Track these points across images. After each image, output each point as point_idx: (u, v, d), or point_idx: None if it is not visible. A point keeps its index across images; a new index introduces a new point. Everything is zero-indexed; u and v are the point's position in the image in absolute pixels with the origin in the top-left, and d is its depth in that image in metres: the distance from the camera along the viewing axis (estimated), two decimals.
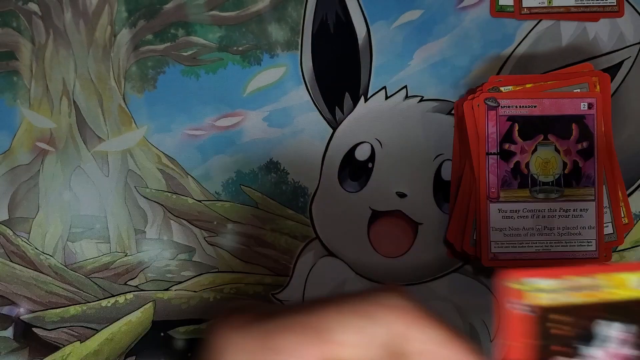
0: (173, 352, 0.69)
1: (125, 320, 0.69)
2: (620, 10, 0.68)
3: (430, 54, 0.69)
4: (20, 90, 0.69)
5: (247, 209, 0.69)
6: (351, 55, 0.69)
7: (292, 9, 0.69)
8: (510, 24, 0.69)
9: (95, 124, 0.69)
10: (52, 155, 0.69)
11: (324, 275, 0.68)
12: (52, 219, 0.69)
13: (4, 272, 0.69)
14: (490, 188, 0.63)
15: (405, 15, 0.69)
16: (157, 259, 0.69)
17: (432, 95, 0.69)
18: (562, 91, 0.63)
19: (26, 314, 0.69)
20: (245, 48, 0.69)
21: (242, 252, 0.69)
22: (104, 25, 0.69)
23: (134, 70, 0.69)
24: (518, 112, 0.63)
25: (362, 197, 0.68)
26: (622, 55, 0.68)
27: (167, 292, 0.69)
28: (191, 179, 0.69)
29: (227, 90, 0.69)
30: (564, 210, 0.63)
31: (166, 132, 0.69)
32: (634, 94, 0.68)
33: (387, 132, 0.68)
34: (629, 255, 0.69)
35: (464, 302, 0.68)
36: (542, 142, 0.63)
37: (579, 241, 0.63)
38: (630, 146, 0.68)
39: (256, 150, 0.69)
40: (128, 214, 0.69)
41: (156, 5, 0.69)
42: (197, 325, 0.69)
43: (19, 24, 0.69)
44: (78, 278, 0.69)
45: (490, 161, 0.63)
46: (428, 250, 0.68)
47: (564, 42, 0.69)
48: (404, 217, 0.68)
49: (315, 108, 0.69)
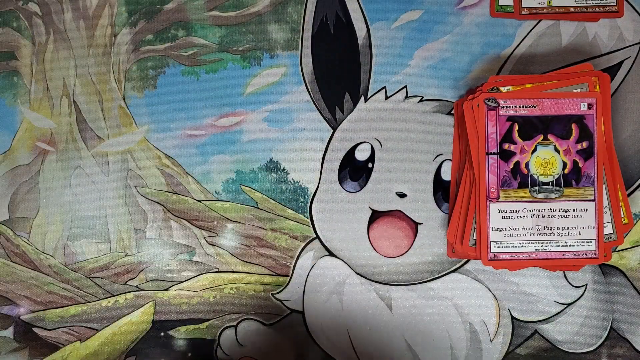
0: (173, 352, 0.69)
1: (125, 320, 0.69)
2: (620, 11, 0.68)
3: (430, 54, 0.69)
4: (21, 90, 0.69)
5: (247, 209, 0.69)
6: (351, 56, 0.69)
7: (292, 10, 0.69)
8: (510, 24, 0.69)
9: (95, 124, 0.69)
10: (52, 155, 0.69)
11: (324, 275, 0.68)
12: (52, 219, 0.69)
13: (4, 272, 0.69)
14: (490, 188, 0.63)
15: (405, 15, 0.69)
16: (157, 259, 0.69)
17: (432, 96, 0.69)
18: (562, 91, 0.63)
19: (26, 313, 0.69)
20: (245, 48, 0.69)
21: (242, 252, 0.69)
22: (104, 25, 0.69)
23: (134, 70, 0.69)
24: (518, 112, 0.63)
25: (362, 197, 0.68)
26: (622, 55, 0.68)
27: (167, 292, 0.69)
28: (191, 179, 0.69)
29: (227, 90, 0.69)
30: (564, 210, 0.63)
31: (166, 132, 0.69)
32: (634, 94, 0.68)
33: (387, 132, 0.68)
34: (629, 255, 0.69)
35: (464, 302, 0.68)
36: (542, 142, 0.63)
37: (579, 241, 0.63)
38: (630, 146, 0.68)
39: (256, 150, 0.69)
40: (128, 214, 0.69)
41: (156, 5, 0.69)
42: (197, 325, 0.69)
43: (19, 24, 0.69)
44: (78, 278, 0.69)
45: (490, 161, 0.63)
46: (428, 250, 0.68)
47: (564, 42, 0.69)
48: (404, 217, 0.68)
49: (315, 108, 0.69)
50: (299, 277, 0.69)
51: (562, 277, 0.68)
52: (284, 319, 0.69)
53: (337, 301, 0.68)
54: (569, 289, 0.68)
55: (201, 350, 0.69)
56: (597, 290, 0.68)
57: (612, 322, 0.69)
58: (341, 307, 0.68)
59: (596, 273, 0.69)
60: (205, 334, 0.69)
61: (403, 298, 0.68)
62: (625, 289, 0.69)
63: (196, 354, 0.69)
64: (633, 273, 0.69)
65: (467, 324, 0.68)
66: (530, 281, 0.68)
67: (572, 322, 0.68)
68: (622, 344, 0.69)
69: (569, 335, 0.69)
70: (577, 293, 0.68)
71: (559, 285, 0.68)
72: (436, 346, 0.68)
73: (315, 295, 0.68)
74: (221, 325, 0.69)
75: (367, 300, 0.68)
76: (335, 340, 0.68)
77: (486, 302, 0.68)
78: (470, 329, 0.68)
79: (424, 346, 0.68)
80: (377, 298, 0.68)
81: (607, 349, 0.69)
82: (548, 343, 0.69)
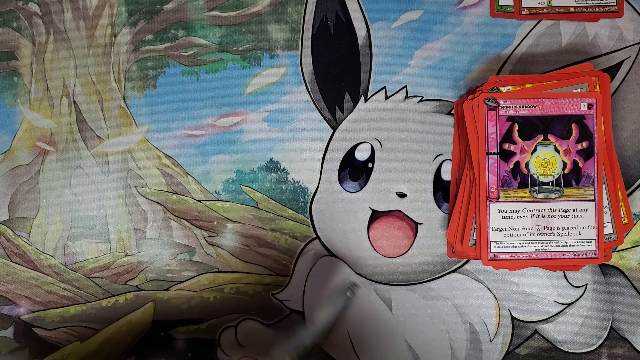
0: (173, 352, 0.69)
1: (125, 320, 0.69)
2: (620, 11, 0.68)
3: (430, 54, 0.69)
4: (21, 90, 0.69)
5: (247, 209, 0.69)
6: (351, 56, 0.69)
7: (292, 10, 0.69)
8: (510, 24, 0.69)
9: (95, 124, 0.69)
10: (52, 155, 0.69)
11: (324, 275, 0.68)
12: (52, 219, 0.69)
13: (4, 272, 0.69)
14: (490, 188, 0.63)
15: (405, 15, 0.69)
16: (157, 259, 0.69)
17: (432, 95, 0.69)
18: (562, 91, 0.63)
19: (26, 314, 0.69)
20: (245, 48, 0.69)
21: (242, 252, 0.69)
22: (104, 25, 0.69)
23: (134, 70, 0.69)
24: (518, 112, 0.63)
25: (362, 197, 0.68)
26: (622, 55, 0.68)
27: (167, 292, 0.69)
28: (191, 179, 0.69)
29: (227, 90, 0.69)
30: (564, 210, 0.63)
31: (166, 132, 0.69)
32: (633, 94, 0.68)
33: (387, 132, 0.68)
34: (629, 255, 0.69)
35: (464, 302, 0.68)
36: (542, 142, 0.63)
37: (579, 241, 0.63)
38: (630, 146, 0.68)
39: (256, 150, 0.69)
40: (128, 214, 0.69)
41: (156, 5, 0.69)
42: (197, 325, 0.69)
43: (19, 24, 0.69)
44: (78, 278, 0.69)
45: (490, 161, 0.63)
46: (428, 250, 0.68)
47: (564, 42, 0.69)
48: (404, 217, 0.68)
49: (315, 108, 0.69)
50: (299, 277, 0.69)
51: (562, 277, 0.68)
52: (284, 319, 0.69)
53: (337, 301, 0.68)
54: (569, 289, 0.68)
55: (201, 350, 0.69)
56: (597, 290, 0.68)
57: (612, 322, 0.69)
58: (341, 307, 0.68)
59: (596, 273, 0.69)
60: (205, 334, 0.69)
61: (403, 298, 0.68)
62: (625, 289, 0.69)
63: (196, 354, 0.69)
64: (633, 273, 0.69)
65: (467, 324, 0.68)
66: (530, 281, 0.68)
67: (572, 322, 0.68)
68: (622, 344, 0.69)
69: (569, 335, 0.69)
70: (577, 293, 0.68)
71: (559, 285, 0.68)
72: (436, 346, 0.68)
73: (316, 295, 0.68)
74: (221, 325, 0.69)
75: (367, 300, 0.68)
76: (336, 340, 0.68)
77: (486, 302, 0.68)
78: (470, 329, 0.68)
79: (424, 346, 0.68)
80: (377, 298, 0.68)
81: (607, 349, 0.69)
82: (548, 343, 0.69)
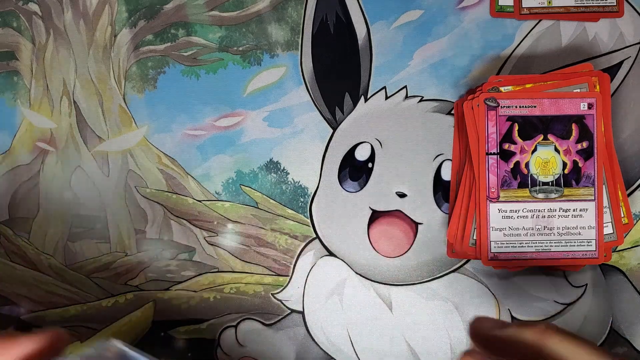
0: (173, 352, 0.69)
1: (125, 320, 0.69)
2: (620, 10, 0.68)
3: (430, 54, 0.69)
4: (21, 90, 0.69)
5: (247, 209, 0.69)
6: (351, 56, 0.69)
7: (292, 9, 0.69)
8: (510, 24, 0.69)
9: (95, 124, 0.69)
10: (52, 155, 0.69)
11: (324, 275, 0.68)
12: (52, 219, 0.69)
13: (4, 272, 0.69)
14: (490, 188, 0.63)
15: (405, 15, 0.69)
16: (157, 259, 0.69)
17: (432, 95, 0.69)
18: (562, 91, 0.63)
19: (26, 314, 0.69)
20: (245, 48, 0.69)
21: (242, 252, 0.69)
22: (104, 25, 0.69)
23: (134, 70, 0.69)
24: (518, 112, 0.63)
25: (362, 197, 0.68)
26: (622, 55, 0.68)
27: (167, 292, 0.69)
28: (191, 179, 0.69)
29: (227, 90, 0.69)
30: (564, 210, 0.63)
31: (166, 132, 0.69)
32: (633, 94, 0.68)
33: (387, 132, 0.68)
34: (629, 255, 0.69)
35: (464, 302, 0.68)
36: (542, 142, 0.63)
37: (579, 241, 0.63)
38: (630, 146, 0.68)
39: (256, 150, 0.69)
40: (128, 214, 0.69)
41: (156, 5, 0.69)
42: (197, 325, 0.69)
43: (19, 24, 0.69)
44: (78, 278, 0.69)
45: (490, 161, 0.63)
46: (428, 250, 0.68)
47: (563, 42, 0.69)
48: (404, 217, 0.68)
49: (315, 108, 0.69)
50: (299, 277, 0.69)
51: (562, 277, 0.68)
52: (284, 319, 0.69)
53: (337, 301, 0.68)
54: (569, 289, 0.68)
55: (201, 350, 0.69)
56: (597, 290, 0.68)
57: (612, 322, 0.69)
58: (341, 307, 0.68)
59: (596, 273, 0.69)
60: (205, 334, 0.69)
61: (403, 298, 0.68)
62: (625, 289, 0.69)
63: (196, 354, 0.69)
64: (633, 273, 0.69)
65: (467, 324, 0.68)
66: (530, 281, 0.68)
67: (572, 322, 0.68)
68: (622, 344, 0.69)
69: None
70: (577, 293, 0.68)
71: (559, 285, 0.68)
72: (436, 346, 0.68)
73: (315, 295, 0.68)
74: (221, 325, 0.69)
75: (367, 300, 0.68)
76: (335, 340, 0.68)
77: (486, 302, 0.68)
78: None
79: (424, 346, 0.68)
80: (377, 298, 0.68)
81: (607, 349, 0.68)
82: None
